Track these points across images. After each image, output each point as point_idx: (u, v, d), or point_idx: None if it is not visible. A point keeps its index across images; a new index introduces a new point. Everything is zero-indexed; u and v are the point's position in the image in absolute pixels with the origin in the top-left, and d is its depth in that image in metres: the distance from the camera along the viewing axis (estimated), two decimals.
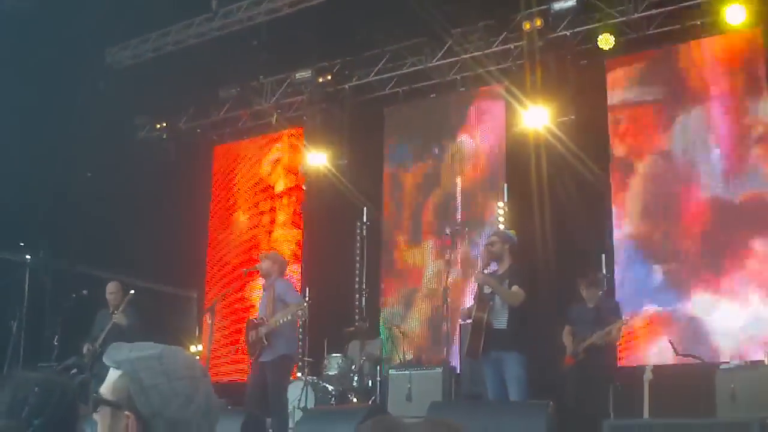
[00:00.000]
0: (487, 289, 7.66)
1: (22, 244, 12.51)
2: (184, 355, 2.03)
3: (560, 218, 11.22)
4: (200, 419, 1.92)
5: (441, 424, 2.54)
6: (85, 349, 9.72)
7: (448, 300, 8.45)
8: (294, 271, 13.63)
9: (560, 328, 9.31)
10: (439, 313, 10.61)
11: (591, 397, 8.90)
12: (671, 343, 9.86)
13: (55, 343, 10.42)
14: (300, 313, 8.45)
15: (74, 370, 9.24)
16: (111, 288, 10.14)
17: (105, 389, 1.98)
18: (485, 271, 7.67)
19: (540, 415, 6.71)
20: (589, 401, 8.82)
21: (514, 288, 7.55)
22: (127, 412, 1.91)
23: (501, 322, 7.55)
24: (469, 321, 7.93)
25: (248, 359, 9.13)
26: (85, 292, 10.61)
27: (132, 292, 9.88)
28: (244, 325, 9.22)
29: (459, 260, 12.24)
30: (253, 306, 12.99)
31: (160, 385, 1.91)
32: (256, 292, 12.43)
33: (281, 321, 8.38)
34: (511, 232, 8.19)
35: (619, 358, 10.48)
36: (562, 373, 9.15)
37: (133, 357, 1.96)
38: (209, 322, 9.56)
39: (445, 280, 8.86)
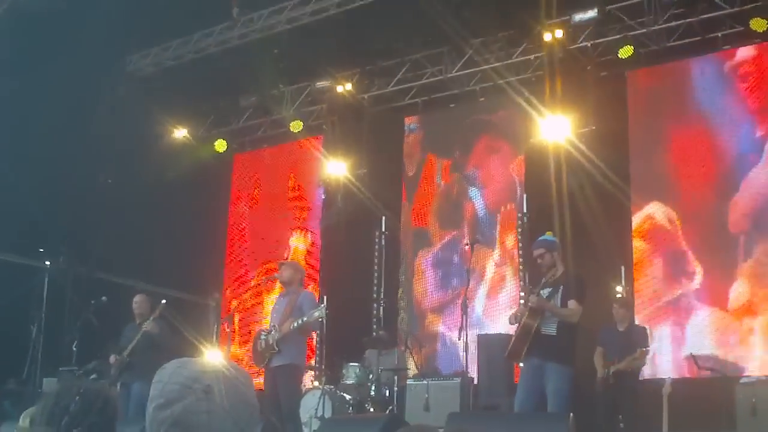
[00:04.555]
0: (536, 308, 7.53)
1: (41, 250, 12.58)
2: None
3: (580, 229, 11.15)
4: None
5: None
6: (111, 360, 9.70)
7: (468, 310, 8.40)
8: (312, 279, 13.63)
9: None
10: (458, 323, 10.57)
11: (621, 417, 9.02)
12: (692, 356, 9.80)
13: (74, 349, 10.44)
14: (317, 314, 8.34)
15: (94, 375, 9.27)
16: (137, 299, 10.14)
17: None
18: (537, 293, 7.53)
19: (560, 427, 6.66)
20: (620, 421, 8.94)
21: (571, 303, 7.45)
22: None
23: (550, 328, 7.45)
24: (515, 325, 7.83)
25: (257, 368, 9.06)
26: (104, 298, 10.64)
27: (164, 301, 9.86)
28: (253, 336, 9.12)
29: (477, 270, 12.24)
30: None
31: None
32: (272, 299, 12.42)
33: (293, 326, 8.31)
34: (549, 235, 8.07)
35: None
36: (595, 392, 9.23)
37: None
38: (227, 330, 9.53)
39: (464, 290, 8.83)
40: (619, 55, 11.41)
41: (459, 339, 8.22)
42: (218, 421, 1.96)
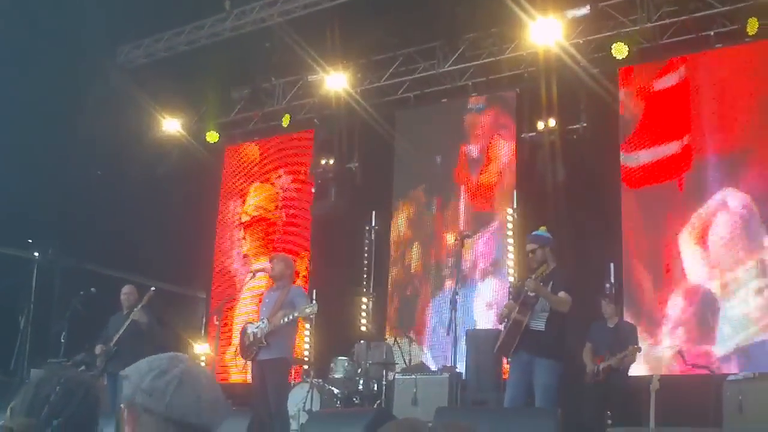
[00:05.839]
0: (531, 292, 7.54)
1: (30, 241, 12.52)
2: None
3: (570, 226, 11.17)
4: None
5: (455, 426, 2.55)
6: (98, 350, 9.70)
7: (457, 305, 8.40)
8: (301, 273, 13.62)
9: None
10: (447, 317, 10.58)
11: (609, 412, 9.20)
12: (680, 352, 9.83)
13: (62, 340, 10.41)
14: (308, 311, 8.32)
15: (83, 367, 9.25)
16: (126, 290, 10.14)
17: None
18: (533, 277, 7.55)
19: (548, 422, 6.68)
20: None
21: (561, 294, 7.48)
22: None
23: (539, 323, 7.47)
24: (502, 324, 7.84)
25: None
26: (93, 289, 10.61)
27: (153, 289, 9.85)
28: (241, 328, 9.10)
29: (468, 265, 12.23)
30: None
31: None
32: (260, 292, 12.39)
33: (283, 320, 8.30)
34: (542, 230, 8.09)
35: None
36: (584, 388, 9.30)
37: None
38: (216, 323, 9.51)
39: (454, 285, 8.84)
40: (613, 54, 11.39)
41: (448, 334, 8.24)
42: (212, 386, 2.12)
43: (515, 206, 12.25)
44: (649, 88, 11.75)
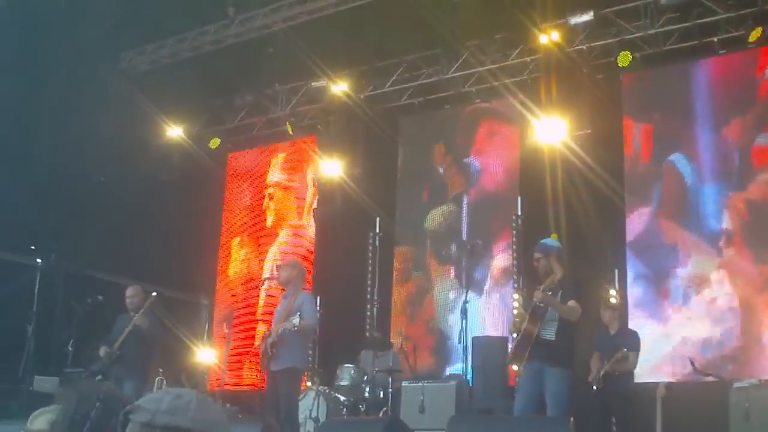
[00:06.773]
0: (539, 302, 7.55)
1: (33, 247, 12.50)
2: None
3: (574, 232, 11.19)
4: None
5: None
6: (102, 352, 9.66)
7: (467, 312, 8.42)
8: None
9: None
10: (454, 325, 10.59)
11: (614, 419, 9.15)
12: (691, 360, 9.83)
13: (70, 348, 10.36)
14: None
15: (99, 377, 9.22)
16: (131, 291, 10.05)
17: None
18: (541, 288, 7.55)
19: (561, 431, 6.67)
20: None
21: (571, 303, 7.50)
22: None
23: (550, 332, 7.47)
24: (514, 334, 7.86)
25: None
26: (100, 297, 10.57)
27: (154, 294, 9.81)
28: (261, 336, 9.13)
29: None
30: (269, 314, 12.87)
31: None
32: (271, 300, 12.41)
33: (279, 331, 8.31)
34: (552, 239, 8.09)
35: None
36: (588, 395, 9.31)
37: None
38: (226, 331, 9.48)
39: (464, 293, 8.86)
40: (617, 62, 11.43)
41: (459, 342, 8.24)
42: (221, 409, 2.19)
43: (520, 213, 12.26)
44: None
